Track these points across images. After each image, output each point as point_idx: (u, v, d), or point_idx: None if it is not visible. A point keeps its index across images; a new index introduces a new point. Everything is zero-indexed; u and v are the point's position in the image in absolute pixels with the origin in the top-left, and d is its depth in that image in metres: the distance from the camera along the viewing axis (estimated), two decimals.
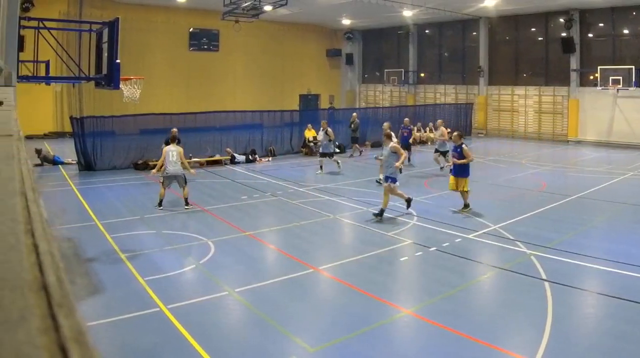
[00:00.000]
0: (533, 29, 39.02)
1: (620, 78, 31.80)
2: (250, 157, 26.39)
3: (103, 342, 7.36)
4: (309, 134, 28.82)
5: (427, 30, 46.43)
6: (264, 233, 13.90)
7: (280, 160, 27.36)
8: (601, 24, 35.18)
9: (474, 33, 42.09)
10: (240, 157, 26.04)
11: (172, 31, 40.02)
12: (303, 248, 12.55)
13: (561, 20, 35.94)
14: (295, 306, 9.30)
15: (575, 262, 11.34)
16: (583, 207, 17.04)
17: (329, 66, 51.72)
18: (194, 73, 41.19)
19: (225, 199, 17.50)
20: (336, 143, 29.37)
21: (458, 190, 16.02)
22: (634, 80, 31.41)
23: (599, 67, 33.14)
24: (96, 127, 23.50)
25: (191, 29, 41.54)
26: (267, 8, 30.32)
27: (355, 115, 29.45)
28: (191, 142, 23.63)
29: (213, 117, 27.87)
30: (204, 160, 25.07)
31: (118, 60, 12.07)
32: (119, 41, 12.02)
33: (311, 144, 28.64)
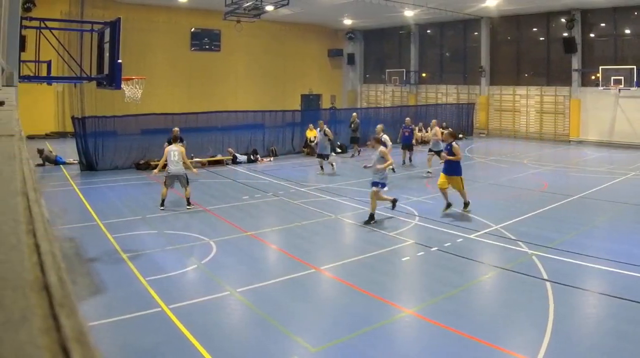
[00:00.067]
0: (535, 29, 38.98)
1: (622, 78, 31.78)
2: (251, 157, 26.40)
3: (104, 342, 7.36)
4: (311, 134, 28.80)
5: (429, 30, 46.43)
6: (266, 233, 13.90)
7: (281, 160, 27.36)
8: (603, 24, 35.15)
9: (476, 33, 42.07)
10: (241, 157, 26.05)
11: (174, 31, 40.03)
12: (305, 248, 12.55)
13: (563, 20, 35.93)
14: (296, 306, 9.30)
15: (576, 262, 11.33)
16: (585, 207, 17.03)
17: (331, 66, 51.71)
18: (195, 73, 41.20)
19: (226, 199, 17.51)
20: (338, 143, 29.46)
21: (446, 188, 15.68)
22: (635, 80, 31.39)
23: (600, 67, 33.13)
24: (98, 127, 23.51)
25: (193, 29, 41.56)
26: (269, 8, 30.31)
27: (355, 115, 29.44)
28: (193, 142, 23.65)
29: (215, 117, 27.85)
30: (206, 160, 25.08)
31: (120, 60, 12.08)
32: (120, 41, 12.03)
33: (313, 144, 28.65)
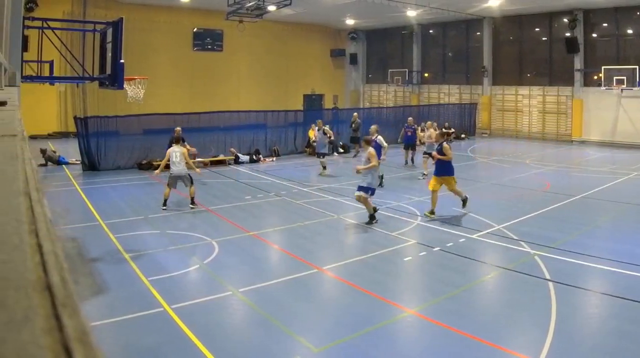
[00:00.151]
0: (537, 29, 38.97)
1: (624, 78, 31.77)
2: (254, 157, 26.40)
3: (107, 342, 7.37)
4: (313, 134, 28.78)
5: (431, 30, 46.42)
6: (268, 233, 13.90)
7: (284, 160, 27.38)
8: (605, 24, 35.11)
9: (478, 33, 42.05)
10: (244, 157, 26.05)
11: (176, 31, 40.05)
12: (307, 248, 12.54)
13: (565, 20, 35.89)
14: (299, 306, 9.30)
15: (579, 262, 11.32)
16: (587, 207, 17.01)
17: (333, 66, 51.71)
18: (197, 73, 41.21)
19: (229, 199, 17.51)
20: (340, 143, 29.47)
21: (437, 190, 15.35)
22: (638, 80, 31.38)
23: (603, 67, 33.14)
24: (100, 127, 23.53)
25: (195, 29, 41.58)
26: (271, 8, 30.34)
27: (356, 115, 29.44)
28: (195, 142, 23.64)
29: (217, 117, 27.86)
30: (208, 160, 25.07)
31: (122, 60, 12.10)
32: (122, 41, 12.04)
33: (315, 144, 28.64)
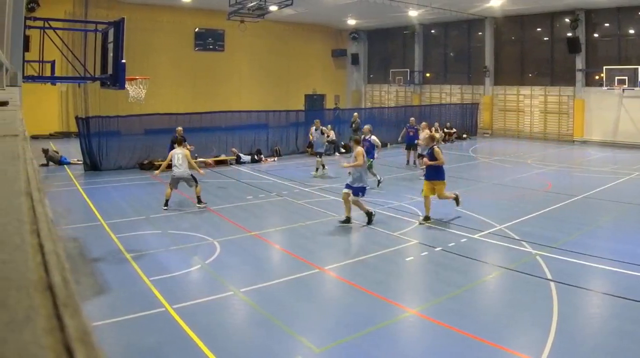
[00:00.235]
0: (539, 29, 38.95)
1: (626, 78, 31.74)
2: (255, 157, 26.41)
3: (108, 342, 7.37)
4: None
5: (433, 30, 46.39)
6: (270, 233, 13.90)
7: (285, 160, 27.37)
8: (607, 24, 35.08)
9: (480, 33, 42.03)
10: (245, 157, 26.05)
11: (178, 31, 40.08)
12: (308, 248, 12.54)
13: (567, 20, 35.86)
14: (300, 306, 9.30)
15: (580, 262, 11.32)
16: (588, 207, 17.00)
17: (335, 66, 51.71)
18: (199, 73, 41.23)
19: (230, 199, 17.51)
20: (342, 143, 29.46)
21: (432, 195, 14.92)
22: (639, 80, 31.33)
23: (604, 67, 33.11)
24: (101, 127, 23.55)
25: (197, 29, 41.61)
26: (273, 8, 30.35)
27: (357, 115, 29.41)
28: (197, 142, 23.64)
29: (218, 117, 27.89)
30: (211, 160, 25.06)
31: (123, 60, 12.10)
32: (124, 41, 12.04)
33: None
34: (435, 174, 14.93)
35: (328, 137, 23.56)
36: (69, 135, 33.57)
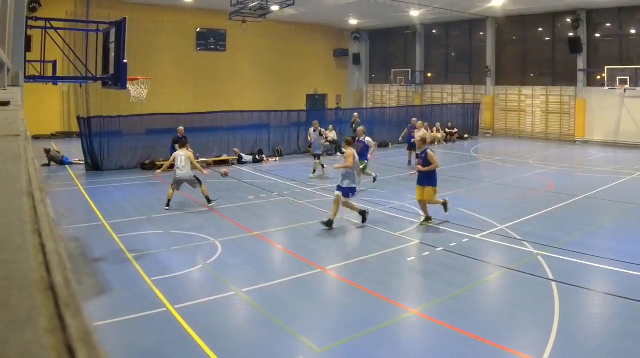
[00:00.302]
0: (540, 29, 38.92)
1: (628, 78, 31.72)
2: (257, 157, 26.41)
3: (110, 342, 7.38)
4: None
5: (434, 30, 46.37)
6: (271, 233, 13.90)
7: (287, 160, 27.36)
8: (608, 24, 35.07)
9: (481, 33, 42.00)
10: (247, 157, 26.06)
11: (180, 31, 40.08)
12: (310, 248, 12.54)
13: (568, 20, 35.83)
14: (302, 306, 9.30)
15: (582, 262, 11.31)
16: (590, 207, 16.99)
17: (336, 66, 51.70)
18: (201, 73, 41.22)
19: (232, 199, 17.50)
20: (342, 143, 29.41)
21: (433, 202, 14.63)
22: None
23: (606, 67, 33.06)
24: (103, 127, 23.55)
25: (198, 29, 41.63)
26: (274, 8, 30.36)
27: (357, 115, 29.33)
28: (198, 142, 23.67)
29: (220, 117, 27.90)
30: (211, 160, 25.06)
31: (125, 60, 12.10)
32: (126, 41, 12.04)
33: (323, 142, 28.58)
34: (427, 179, 14.51)
35: (327, 138, 23.37)
36: (71, 135, 33.61)
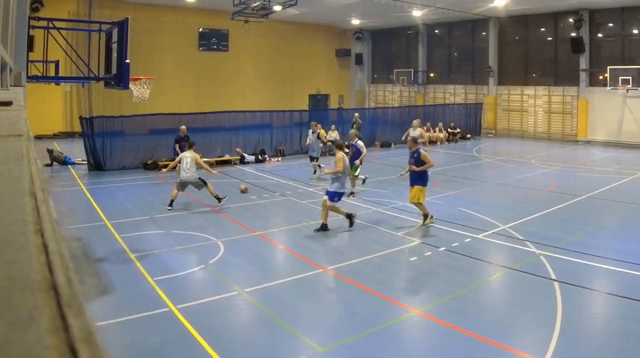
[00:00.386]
0: (542, 29, 38.87)
1: (630, 78, 31.68)
2: (259, 157, 26.42)
3: (112, 342, 7.38)
4: (322, 134, 28.68)
5: (437, 30, 46.34)
6: (274, 233, 13.91)
7: (289, 160, 27.34)
8: (611, 24, 35.04)
9: (484, 33, 41.97)
10: (249, 157, 26.07)
11: (182, 31, 40.09)
12: (312, 248, 12.55)
13: (571, 20, 35.81)
14: (304, 306, 9.31)
15: (584, 262, 11.30)
16: (592, 207, 16.97)
17: (339, 66, 51.67)
18: (203, 73, 41.23)
19: (234, 199, 17.48)
20: (346, 143, 29.31)
21: (415, 201, 14.25)
22: None
23: (608, 67, 33.04)
24: (106, 127, 23.57)
25: (201, 29, 41.63)
26: (277, 8, 30.37)
27: (357, 116, 29.09)
28: (201, 142, 23.58)
29: (222, 117, 27.92)
30: (214, 160, 25.05)
31: (127, 60, 12.11)
32: (128, 41, 12.05)
33: (324, 144, 28.52)
34: (419, 178, 14.19)
35: (324, 142, 23.14)
36: (73, 135, 33.62)
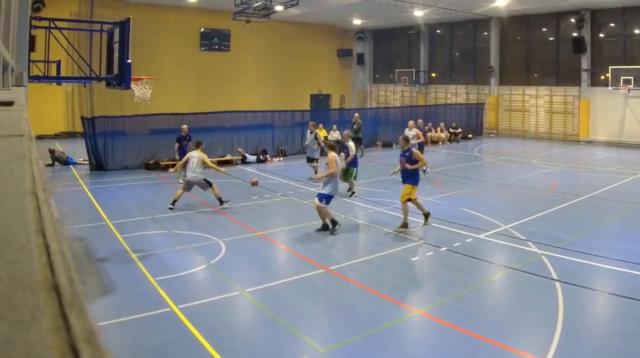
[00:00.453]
0: (544, 29, 38.85)
1: (632, 78, 31.68)
2: (261, 157, 26.41)
3: (114, 342, 7.38)
4: (321, 134, 28.66)
5: (438, 30, 46.31)
6: (275, 233, 13.91)
7: (291, 160, 27.32)
8: (612, 24, 35.00)
9: (485, 33, 41.95)
10: (251, 157, 26.06)
11: (183, 31, 40.08)
12: (314, 248, 12.53)
13: (572, 20, 35.78)
14: (306, 306, 9.31)
15: (586, 262, 11.29)
16: (594, 207, 16.96)
17: (340, 66, 51.65)
18: (205, 73, 41.23)
19: (236, 199, 17.46)
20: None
21: (415, 198, 13.97)
22: None
23: (610, 67, 33.04)
24: (107, 127, 23.58)
25: (202, 29, 41.63)
26: (278, 8, 30.36)
27: (357, 116, 29.03)
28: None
29: (224, 117, 27.92)
30: (215, 160, 24.98)
31: (129, 60, 12.10)
32: (130, 41, 12.05)
33: (322, 145, 28.44)
34: (411, 177, 14.04)
35: (320, 141, 22.87)
36: (75, 135, 33.60)
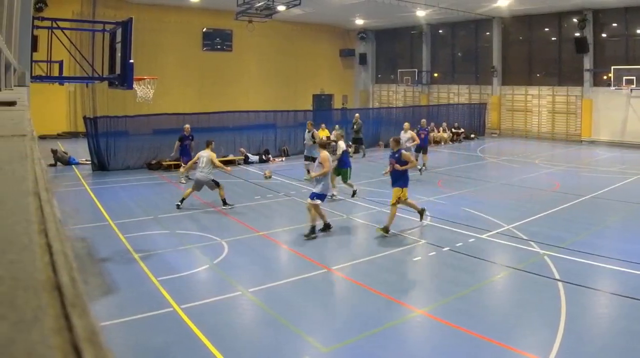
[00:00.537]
0: (546, 29, 38.81)
1: (634, 78, 31.63)
2: (263, 157, 26.42)
3: (116, 342, 7.39)
4: (323, 134, 28.63)
5: (441, 30, 46.27)
6: (278, 233, 13.91)
7: (293, 160, 27.29)
8: (615, 24, 34.94)
9: (487, 33, 41.92)
10: (253, 157, 26.07)
11: (186, 31, 40.10)
12: (316, 248, 12.53)
13: (574, 20, 35.71)
14: (308, 306, 9.31)
15: (588, 262, 11.28)
16: (596, 207, 16.94)
17: (342, 66, 51.64)
18: (207, 73, 41.23)
19: (238, 199, 17.46)
20: (349, 143, 29.32)
21: (406, 198, 13.84)
22: None
23: (612, 67, 33.00)
24: (109, 127, 23.59)
25: (204, 29, 41.64)
26: (281, 8, 30.37)
27: (358, 116, 29.03)
28: (204, 141, 23.63)
29: (226, 117, 27.92)
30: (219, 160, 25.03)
31: (131, 60, 12.12)
32: (132, 41, 12.06)
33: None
34: (401, 178, 13.75)
35: (317, 141, 22.57)
36: (77, 135, 33.61)
